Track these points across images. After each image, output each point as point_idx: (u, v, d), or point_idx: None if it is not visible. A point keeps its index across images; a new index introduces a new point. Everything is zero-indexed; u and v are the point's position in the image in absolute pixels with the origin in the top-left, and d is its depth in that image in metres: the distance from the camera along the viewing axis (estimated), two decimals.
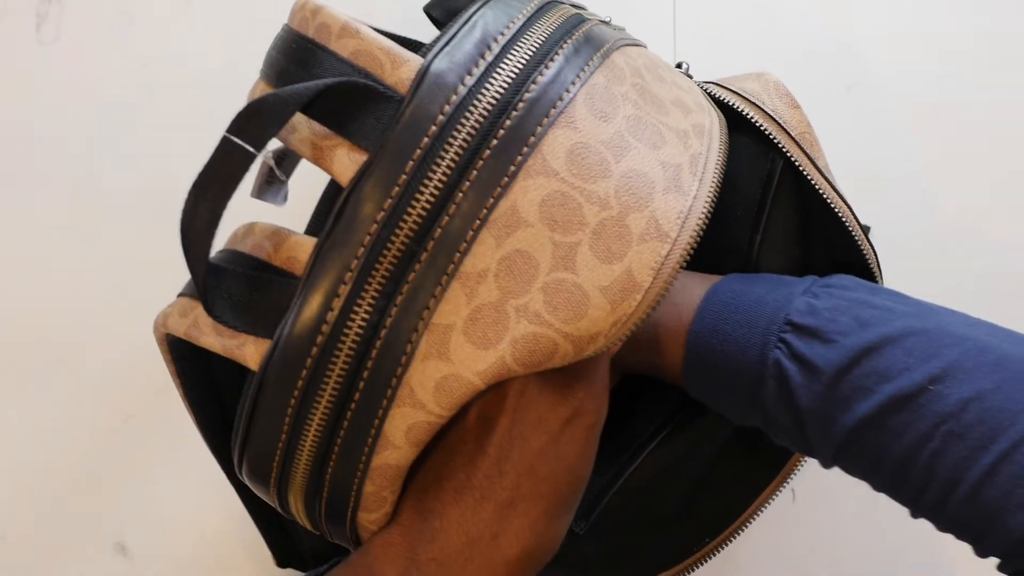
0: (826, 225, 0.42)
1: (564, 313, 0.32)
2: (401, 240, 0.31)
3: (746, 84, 0.43)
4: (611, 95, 0.34)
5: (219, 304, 0.33)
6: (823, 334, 0.36)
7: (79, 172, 0.58)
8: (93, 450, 0.58)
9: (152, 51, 0.58)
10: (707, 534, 0.46)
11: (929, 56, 0.59)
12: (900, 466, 0.35)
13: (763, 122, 0.41)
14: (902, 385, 0.34)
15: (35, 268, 0.58)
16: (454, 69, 0.32)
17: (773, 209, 0.42)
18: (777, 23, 0.60)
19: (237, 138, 0.30)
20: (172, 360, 0.37)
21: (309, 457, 0.33)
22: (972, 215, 0.59)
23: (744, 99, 0.42)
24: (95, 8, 0.58)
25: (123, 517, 0.58)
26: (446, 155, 0.31)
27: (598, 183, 0.32)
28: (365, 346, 0.31)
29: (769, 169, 0.42)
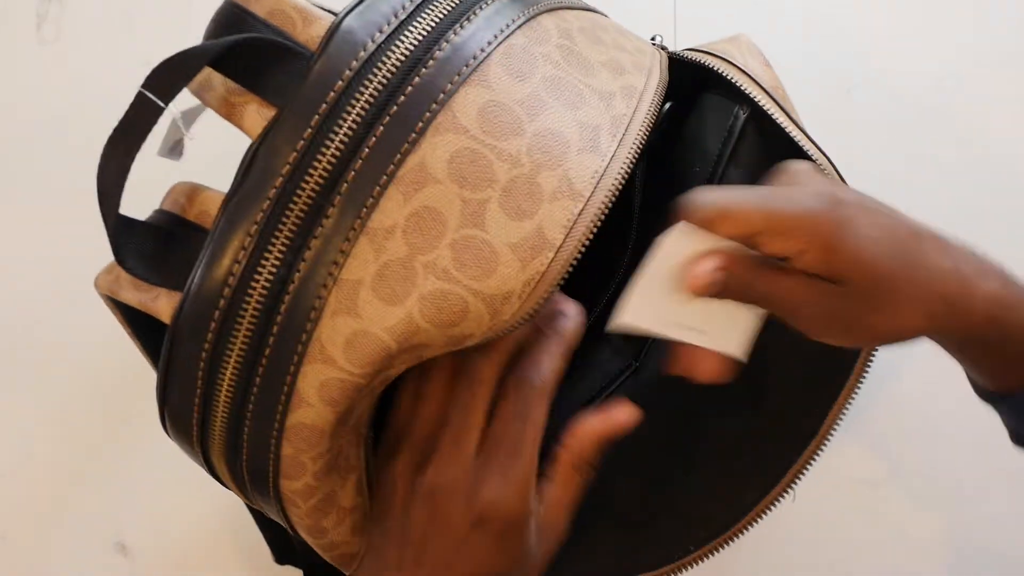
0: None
1: (473, 270, 0.31)
2: (307, 194, 0.31)
3: (719, 45, 0.43)
4: (530, 55, 0.34)
5: (132, 257, 0.33)
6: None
7: (79, 172, 0.58)
8: (93, 450, 0.58)
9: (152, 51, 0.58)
10: (692, 542, 0.46)
11: (929, 58, 0.59)
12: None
13: (731, 73, 0.41)
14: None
15: (35, 268, 0.58)
16: (364, 27, 0.32)
17: (730, 164, 0.41)
18: (778, 25, 0.60)
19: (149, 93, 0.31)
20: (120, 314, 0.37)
21: (224, 413, 0.33)
22: (973, 216, 0.59)
23: (716, 57, 0.42)
24: (95, 8, 0.58)
25: (123, 516, 0.58)
26: (352, 110, 0.31)
27: (510, 141, 0.32)
28: (273, 300, 0.31)
29: (731, 125, 0.41)
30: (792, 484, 0.45)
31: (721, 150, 0.41)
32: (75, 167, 0.58)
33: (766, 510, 0.46)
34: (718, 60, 0.42)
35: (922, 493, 0.57)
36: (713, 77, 0.41)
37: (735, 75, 0.41)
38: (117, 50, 0.59)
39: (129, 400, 0.58)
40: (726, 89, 0.41)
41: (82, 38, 0.59)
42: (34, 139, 0.59)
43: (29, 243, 0.59)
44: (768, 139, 0.41)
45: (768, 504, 0.45)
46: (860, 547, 0.58)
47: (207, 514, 0.57)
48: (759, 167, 0.41)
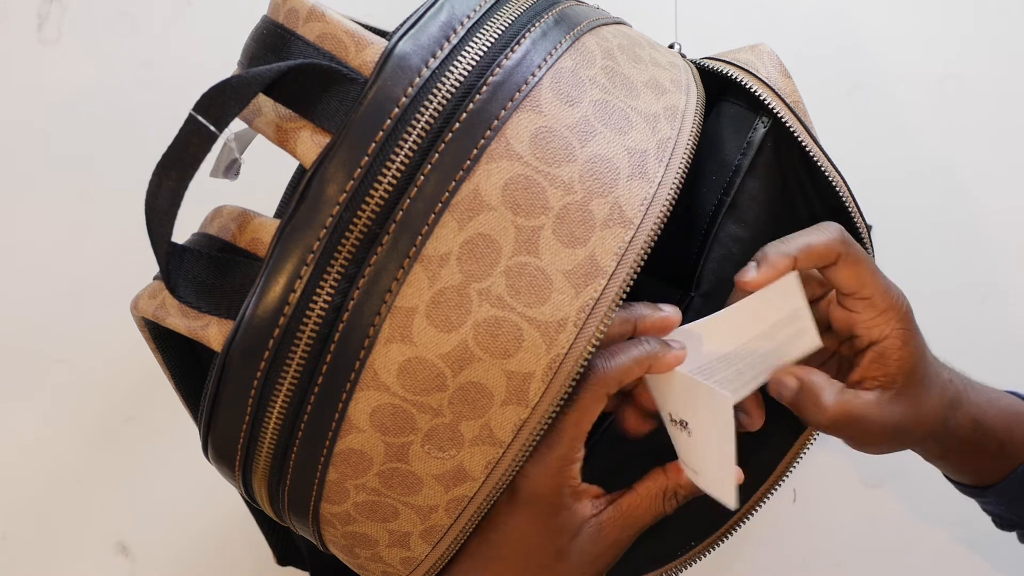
0: (812, 194, 0.41)
1: (527, 297, 0.31)
2: (363, 222, 0.31)
3: (740, 55, 0.43)
4: (578, 79, 0.34)
5: (183, 285, 0.33)
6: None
7: (80, 172, 0.58)
8: (94, 450, 0.58)
9: (153, 51, 0.58)
10: (693, 537, 0.46)
11: (930, 58, 0.59)
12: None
13: (754, 85, 0.41)
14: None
15: (35, 268, 0.58)
16: (418, 52, 0.32)
17: (748, 176, 0.42)
18: (778, 26, 0.60)
19: (201, 117, 0.30)
20: (152, 340, 0.37)
21: (272, 440, 0.33)
22: (973, 216, 0.59)
23: (737, 67, 0.42)
24: (96, 8, 0.58)
25: (124, 517, 0.58)
26: (408, 137, 0.31)
27: (562, 167, 0.32)
28: (328, 328, 0.31)
29: (751, 136, 0.41)
30: (787, 472, 0.46)
31: (740, 161, 0.41)
32: (76, 167, 0.58)
33: (763, 499, 0.46)
34: (740, 71, 0.42)
35: (922, 493, 0.57)
36: (734, 87, 0.41)
37: (758, 87, 0.41)
38: (118, 50, 0.59)
39: (130, 401, 0.58)
40: (746, 100, 0.41)
41: (83, 39, 0.59)
42: (35, 139, 0.59)
43: (29, 244, 0.58)
44: (785, 153, 0.42)
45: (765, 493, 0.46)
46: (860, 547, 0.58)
47: (208, 515, 0.57)
48: (776, 179, 0.42)
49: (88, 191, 0.58)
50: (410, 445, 0.33)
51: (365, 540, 0.36)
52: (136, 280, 0.57)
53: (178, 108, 0.57)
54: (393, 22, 0.41)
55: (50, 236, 0.58)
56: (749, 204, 0.41)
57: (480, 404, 0.32)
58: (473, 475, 0.34)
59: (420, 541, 0.36)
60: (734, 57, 0.43)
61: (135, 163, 0.58)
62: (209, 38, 0.58)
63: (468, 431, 0.33)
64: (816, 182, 0.41)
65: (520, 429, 0.33)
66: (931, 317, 0.58)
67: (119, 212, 0.58)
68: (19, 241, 0.58)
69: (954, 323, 0.58)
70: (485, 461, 0.33)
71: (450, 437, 0.33)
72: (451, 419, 0.32)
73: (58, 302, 0.58)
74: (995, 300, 0.58)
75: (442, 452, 0.33)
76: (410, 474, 0.34)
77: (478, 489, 0.34)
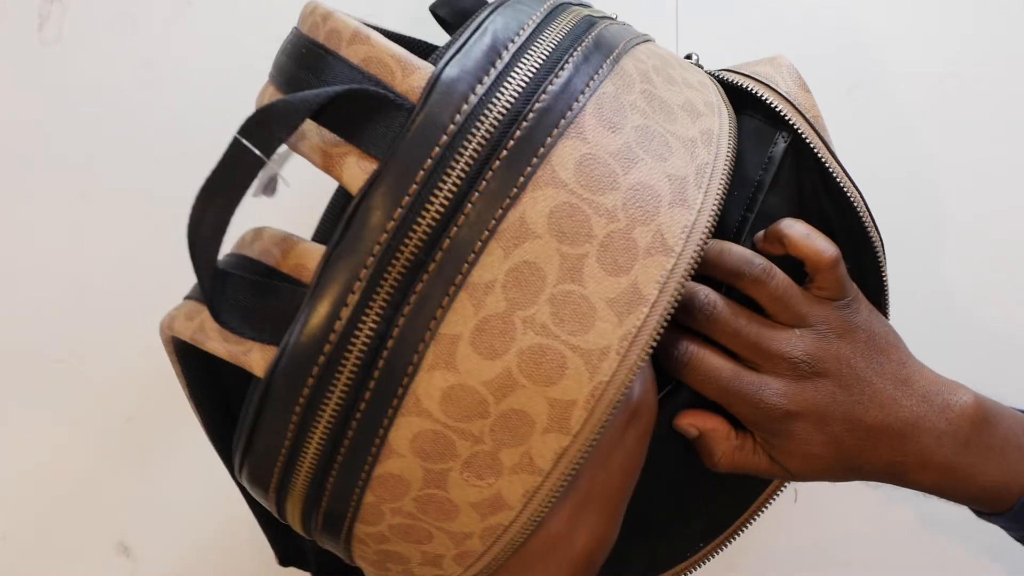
0: (830, 211, 0.42)
1: (571, 325, 0.31)
2: (410, 250, 0.31)
3: (759, 68, 0.43)
4: (620, 104, 0.34)
5: (225, 310, 0.33)
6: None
7: (80, 172, 0.58)
8: (95, 451, 0.58)
9: (153, 51, 0.58)
10: (701, 539, 0.46)
11: (930, 57, 0.59)
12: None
13: (774, 100, 0.41)
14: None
15: (36, 269, 0.58)
16: (464, 77, 0.32)
17: (770, 192, 0.42)
18: (778, 25, 0.60)
19: (247, 142, 0.30)
20: (178, 362, 0.37)
21: (311, 466, 0.33)
22: (974, 216, 0.59)
23: (757, 81, 0.42)
24: (97, 9, 0.58)
25: (125, 517, 0.58)
26: (456, 165, 0.31)
27: (606, 195, 0.32)
28: (372, 355, 0.31)
29: (771, 152, 0.42)
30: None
31: (761, 177, 0.42)
32: (77, 168, 0.58)
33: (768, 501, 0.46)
34: (760, 84, 0.42)
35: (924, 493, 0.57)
36: (753, 101, 0.42)
37: (777, 102, 0.41)
38: (119, 50, 0.58)
39: (130, 401, 0.58)
40: (765, 114, 0.41)
41: (83, 39, 0.58)
42: (36, 140, 0.59)
43: (29, 244, 0.58)
44: (805, 169, 0.42)
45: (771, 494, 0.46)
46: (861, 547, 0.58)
47: (210, 515, 0.57)
48: (797, 195, 0.42)
49: (88, 191, 0.58)
50: (449, 472, 0.33)
51: (398, 557, 0.36)
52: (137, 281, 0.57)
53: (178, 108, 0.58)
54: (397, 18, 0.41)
55: (50, 236, 0.58)
56: (771, 220, 0.41)
57: (521, 431, 0.32)
58: (510, 504, 0.34)
59: (453, 564, 0.36)
60: (753, 70, 0.43)
61: (135, 163, 0.58)
62: (209, 38, 0.58)
63: (508, 459, 0.33)
64: (833, 197, 0.41)
65: (560, 458, 0.33)
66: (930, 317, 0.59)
67: (119, 212, 0.58)
68: (19, 241, 0.58)
69: (954, 323, 0.58)
70: (523, 490, 0.33)
71: (489, 465, 0.33)
72: (491, 447, 0.32)
73: (58, 302, 0.58)
74: (995, 300, 0.58)
75: (480, 480, 0.33)
76: (447, 501, 0.34)
77: (514, 519, 0.34)
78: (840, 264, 0.40)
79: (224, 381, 0.39)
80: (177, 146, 0.57)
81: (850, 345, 0.40)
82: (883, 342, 0.41)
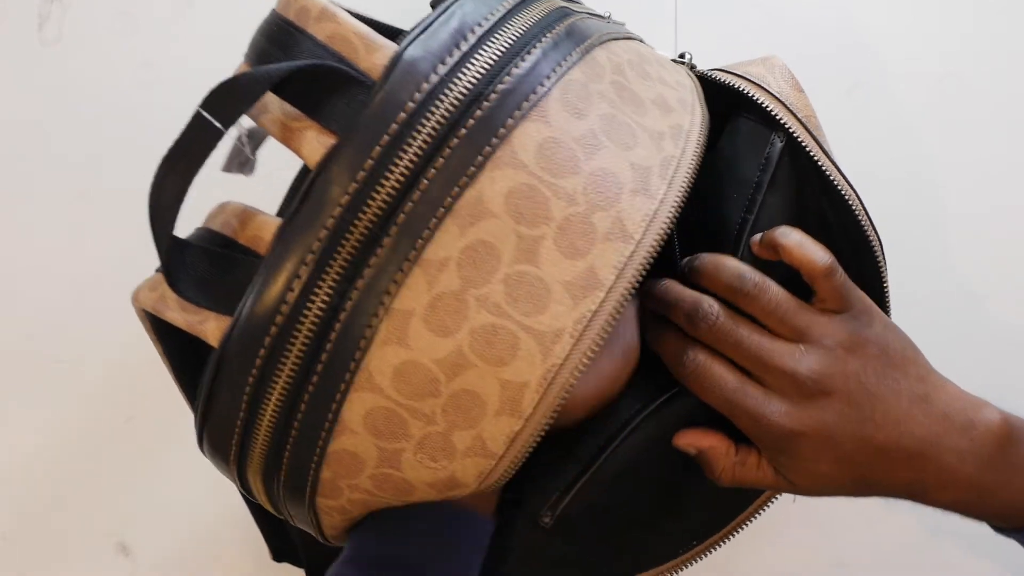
0: (826, 209, 0.41)
1: (524, 305, 0.31)
2: (364, 224, 0.31)
3: (752, 68, 0.43)
4: (587, 92, 0.34)
5: (182, 279, 0.33)
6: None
7: (80, 172, 0.58)
8: (94, 450, 0.58)
9: (153, 51, 0.58)
10: (695, 537, 0.46)
11: (930, 57, 0.59)
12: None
13: (767, 101, 0.41)
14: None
15: (36, 268, 0.58)
16: (427, 57, 0.32)
17: (769, 193, 0.42)
18: (778, 25, 0.60)
19: (208, 114, 0.30)
20: (153, 331, 0.37)
21: (266, 437, 0.33)
22: (973, 215, 0.59)
23: (749, 82, 0.42)
24: (97, 9, 0.58)
25: (124, 517, 0.58)
26: (414, 142, 0.31)
27: (567, 179, 0.32)
28: (324, 328, 0.31)
29: (768, 152, 0.41)
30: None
31: (759, 178, 0.41)
32: (76, 167, 0.58)
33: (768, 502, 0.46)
34: (752, 85, 0.42)
35: None
36: (746, 103, 0.41)
37: (770, 103, 0.41)
38: (119, 50, 0.59)
39: (130, 401, 0.58)
40: (760, 115, 0.41)
41: (84, 39, 0.59)
42: (36, 139, 0.59)
43: (30, 244, 0.58)
44: (802, 169, 0.41)
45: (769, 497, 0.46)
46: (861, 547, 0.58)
47: (208, 514, 0.57)
48: (795, 195, 0.42)
49: (88, 191, 0.58)
50: (402, 452, 0.33)
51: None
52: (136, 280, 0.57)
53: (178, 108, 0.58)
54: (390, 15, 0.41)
55: (50, 236, 0.58)
56: (771, 221, 0.41)
57: (473, 413, 0.32)
58: (466, 483, 0.34)
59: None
60: (745, 70, 0.43)
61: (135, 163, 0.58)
62: (209, 38, 0.58)
63: (460, 441, 0.33)
64: (830, 196, 0.41)
65: (513, 441, 0.33)
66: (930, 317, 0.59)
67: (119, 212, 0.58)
68: (19, 241, 0.58)
69: (954, 323, 0.58)
70: (477, 472, 0.33)
71: (442, 447, 0.33)
72: (444, 427, 0.32)
73: (58, 302, 0.58)
74: (995, 300, 0.58)
75: (434, 462, 0.33)
76: (403, 480, 0.34)
77: (468, 492, 0.34)
78: (836, 273, 0.39)
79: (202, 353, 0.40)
80: None
81: (860, 360, 0.38)
82: (898, 357, 0.39)
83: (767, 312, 0.38)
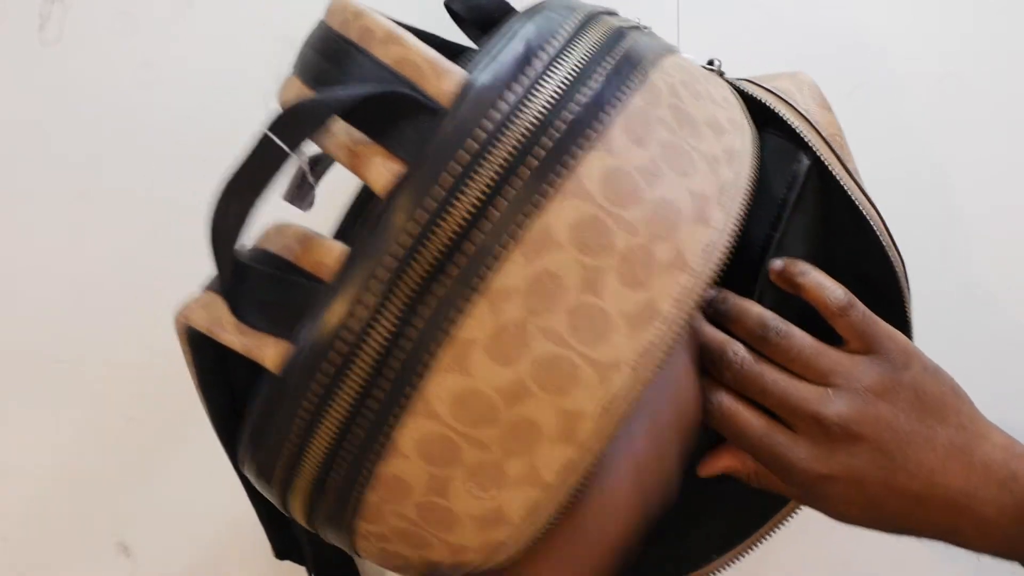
0: (851, 231, 0.41)
1: (586, 336, 0.31)
2: (432, 253, 0.31)
3: (779, 82, 0.43)
4: (647, 119, 0.34)
5: (243, 302, 0.33)
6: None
7: (80, 172, 0.58)
8: (95, 450, 0.58)
9: (154, 52, 0.58)
10: (713, 550, 0.46)
11: (930, 57, 0.59)
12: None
13: (794, 120, 0.41)
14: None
15: (36, 268, 0.58)
16: (496, 84, 0.32)
17: (795, 211, 0.41)
18: (779, 26, 0.60)
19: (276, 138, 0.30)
20: (190, 351, 0.37)
21: (315, 463, 0.33)
22: (975, 215, 0.59)
23: (777, 97, 0.42)
24: (97, 9, 0.58)
25: (125, 517, 0.58)
26: (483, 171, 0.31)
27: (629, 209, 0.32)
28: (385, 355, 0.31)
29: (795, 169, 0.41)
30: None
31: (786, 195, 0.41)
32: (77, 168, 0.58)
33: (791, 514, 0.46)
34: (778, 101, 0.41)
35: None
36: (773, 118, 0.41)
37: (796, 121, 0.41)
38: (119, 51, 0.58)
39: (131, 401, 0.58)
40: (786, 132, 0.41)
41: (84, 39, 0.58)
42: (36, 140, 0.59)
43: (29, 244, 0.58)
44: (827, 190, 0.41)
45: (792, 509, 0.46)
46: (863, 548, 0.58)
47: (209, 515, 0.57)
48: (820, 215, 0.42)
49: (88, 191, 0.58)
50: (452, 480, 0.33)
51: (398, 556, 0.36)
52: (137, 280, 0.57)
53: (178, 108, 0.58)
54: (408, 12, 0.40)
55: (50, 236, 0.58)
56: (797, 239, 0.41)
57: (529, 440, 0.32)
58: (510, 519, 0.33)
59: (450, 570, 0.36)
60: (773, 84, 0.43)
61: (135, 163, 0.58)
62: (209, 38, 0.58)
63: (512, 469, 0.32)
64: (853, 218, 0.41)
65: (565, 469, 0.32)
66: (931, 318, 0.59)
67: (119, 212, 0.58)
68: (19, 241, 0.58)
69: (954, 324, 0.58)
70: (525, 505, 0.33)
71: (493, 476, 0.32)
72: (498, 456, 0.32)
73: (58, 302, 0.58)
74: (995, 300, 0.58)
75: (483, 492, 0.33)
76: (447, 511, 0.33)
77: (511, 534, 0.34)
78: (851, 311, 0.38)
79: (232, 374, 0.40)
80: (177, 146, 0.57)
81: (891, 406, 0.37)
82: (936, 403, 0.38)
83: (790, 359, 0.38)
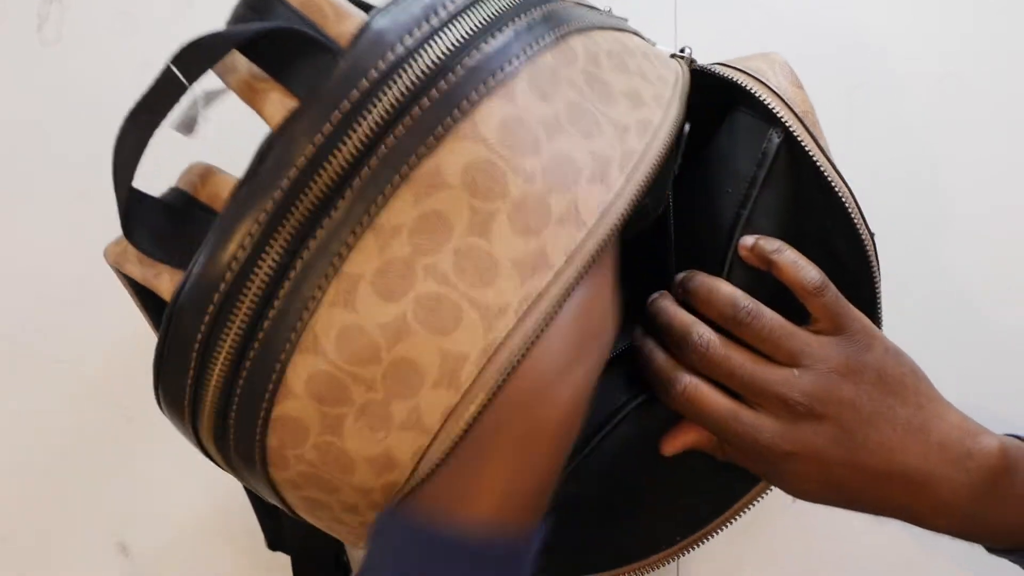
0: (820, 207, 0.41)
1: (471, 278, 0.32)
2: (320, 187, 0.31)
3: (752, 62, 0.43)
4: (556, 77, 0.34)
5: (139, 232, 0.33)
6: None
7: (80, 172, 0.58)
8: (94, 450, 0.58)
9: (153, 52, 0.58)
10: (679, 532, 0.46)
11: (930, 57, 0.59)
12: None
13: (766, 96, 0.41)
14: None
15: (35, 268, 0.58)
16: (395, 28, 0.32)
17: (764, 188, 0.42)
18: (778, 25, 0.60)
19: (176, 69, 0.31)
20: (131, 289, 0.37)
21: (214, 396, 0.33)
22: (974, 216, 0.59)
23: (748, 75, 0.42)
24: (96, 9, 0.58)
25: (124, 517, 0.58)
26: (374, 109, 0.31)
27: (526, 158, 0.32)
28: (273, 287, 0.31)
29: (765, 148, 0.41)
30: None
31: (755, 173, 0.41)
32: (76, 168, 0.58)
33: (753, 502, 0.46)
34: (750, 79, 0.41)
35: None
36: (745, 97, 0.41)
37: (768, 97, 0.41)
38: (118, 51, 0.59)
39: (130, 401, 0.58)
40: (758, 110, 0.41)
41: (83, 39, 0.59)
42: (35, 140, 0.59)
43: (29, 244, 0.59)
44: (797, 165, 0.41)
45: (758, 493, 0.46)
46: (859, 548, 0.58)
47: (208, 514, 0.57)
48: (790, 191, 0.42)
49: (88, 191, 0.58)
50: (344, 418, 0.33)
51: (320, 504, 0.36)
52: None
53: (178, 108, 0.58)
54: None
55: (50, 236, 0.58)
56: (765, 217, 0.41)
57: (412, 383, 0.32)
58: (402, 464, 0.33)
59: (369, 511, 0.35)
60: (745, 64, 0.43)
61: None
62: None
63: (398, 413, 0.32)
64: (824, 193, 0.41)
65: (448, 416, 0.32)
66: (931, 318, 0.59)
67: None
68: (19, 241, 0.58)
69: (954, 324, 0.58)
70: (412, 450, 0.33)
71: (382, 416, 0.32)
72: (383, 396, 0.32)
73: (58, 302, 0.58)
74: (995, 301, 0.58)
75: (373, 432, 0.33)
76: (343, 453, 0.33)
77: (407, 478, 0.34)
78: (826, 292, 0.38)
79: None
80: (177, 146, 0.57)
81: (854, 386, 0.38)
82: (896, 383, 0.39)
83: (761, 339, 0.38)
